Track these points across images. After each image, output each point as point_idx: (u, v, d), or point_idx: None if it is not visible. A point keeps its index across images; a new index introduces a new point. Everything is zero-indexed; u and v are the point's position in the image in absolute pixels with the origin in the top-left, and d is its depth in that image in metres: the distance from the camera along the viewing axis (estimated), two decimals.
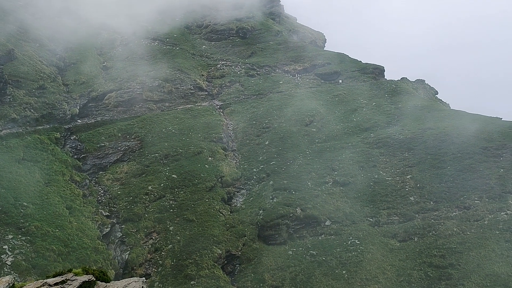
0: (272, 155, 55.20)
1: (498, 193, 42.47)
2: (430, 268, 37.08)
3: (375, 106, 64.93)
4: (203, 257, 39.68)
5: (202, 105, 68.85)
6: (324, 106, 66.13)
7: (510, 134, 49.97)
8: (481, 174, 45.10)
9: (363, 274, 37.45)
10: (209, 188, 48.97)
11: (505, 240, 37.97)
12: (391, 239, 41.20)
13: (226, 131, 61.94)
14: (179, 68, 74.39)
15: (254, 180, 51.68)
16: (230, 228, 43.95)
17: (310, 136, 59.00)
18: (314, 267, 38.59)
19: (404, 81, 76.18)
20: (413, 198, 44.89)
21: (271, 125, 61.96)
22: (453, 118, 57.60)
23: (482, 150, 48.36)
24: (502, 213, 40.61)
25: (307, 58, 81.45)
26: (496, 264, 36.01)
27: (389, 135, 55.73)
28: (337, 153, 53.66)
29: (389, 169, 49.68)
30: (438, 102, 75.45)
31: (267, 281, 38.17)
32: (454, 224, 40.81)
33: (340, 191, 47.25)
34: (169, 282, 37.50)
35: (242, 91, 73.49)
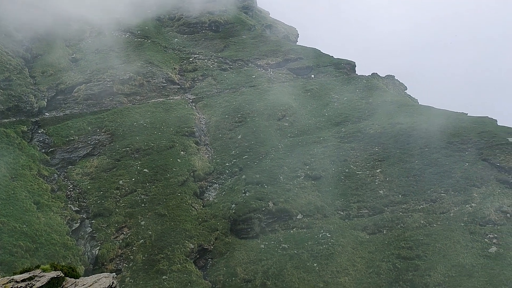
0: (244, 149, 55.31)
1: (463, 186, 43.85)
2: (398, 259, 38.00)
3: (347, 101, 65.84)
4: (175, 251, 39.51)
5: (175, 98, 68.19)
6: (297, 101, 66.60)
7: (475, 129, 51.62)
8: (447, 168, 46.48)
9: (333, 266, 38.09)
10: (181, 182, 48.70)
11: (470, 232, 39.30)
12: (361, 231, 42.01)
13: (199, 125, 61.62)
14: (151, 61, 73.37)
15: (226, 174, 51.70)
16: (202, 223, 43.88)
17: (282, 130, 59.37)
18: (286, 260, 38.99)
19: (375, 76, 77.50)
20: (382, 191, 45.84)
21: (244, 119, 61.99)
22: (421, 113, 59.02)
23: (448, 144, 49.80)
24: (467, 206, 41.98)
25: (280, 52, 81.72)
26: (461, 255, 37.23)
27: (360, 130, 56.67)
28: (309, 147, 54.23)
29: (359, 163, 50.57)
30: (407, 97, 77.14)
31: (239, 274, 38.35)
32: (421, 217, 41.93)
33: (312, 185, 47.81)
34: (141, 277, 37.19)
35: (214, 85, 73.16)
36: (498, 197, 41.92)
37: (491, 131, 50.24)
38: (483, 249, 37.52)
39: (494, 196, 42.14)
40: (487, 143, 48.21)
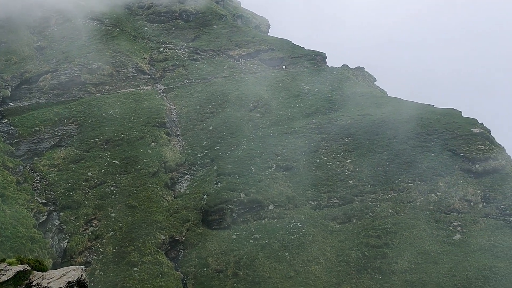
0: (216, 140, 55.11)
1: (429, 176, 45.15)
2: (367, 248, 38.90)
3: (318, 92, 66.41)
4: (146, 243, 39.18)
5: (145, 89, 67.14)
6: (268, 92, 66.72)
7: (440, 120, 53.09)
8: (414, 158, 47.71)
9: (304, 255, 38.65)
10: (152, 173, 48.17)
11: (435, 220, 40.61)
12: (331, 221, 42.73)
13: (170, 116, 60.96)
14: (120, 50, 71.85)
15: (198, 165, 51.45)
16: (173, 214, 43.61)
17: (254, 121, 59.43)
18: (258, 251, 39.29)
19: (345, 68, 78.38)
20: (352, 181, 46.67)
21: (215, 110, 61.70)
22: (390, 104, 60.20)
23: (416, 135, 51.07)
24: (433, 195, 43.30)
25: (251, 43, 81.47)
26: (426, 243, 38.45)
27: (331, 121, 57.36)
28: (281, 138, 54.54)
29: (330, 154, 51.25)
30: (377, 89, 78.46)
31: (211, 265, 38.43)
32: (389, 206, 42.99)
33: (283, 176, 48.19)
34: (111, 270, 36.73)
35: (185, 75, 72.39)
36: (462, 186, 43.41)
37: (456, 122, 51.81)
38: (448, 237, 38.88)
39: (458, 185, 43.61)
40: (452, 134, 49.71)
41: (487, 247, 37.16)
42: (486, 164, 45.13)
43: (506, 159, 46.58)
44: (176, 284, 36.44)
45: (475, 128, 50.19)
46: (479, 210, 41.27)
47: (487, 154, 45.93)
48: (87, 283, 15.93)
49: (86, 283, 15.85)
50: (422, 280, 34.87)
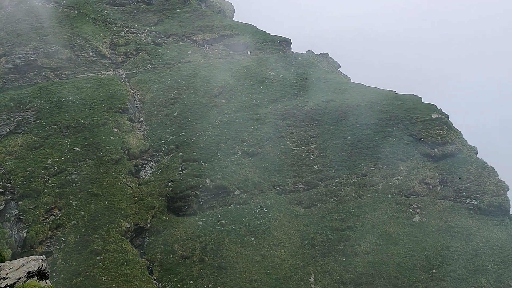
0: (181, 126, 54.43)
1: (391, 161, 46.37)
2: (331, 231, 39.70)
3: (282, 78, 66.55)
4: (110, 231, 38.46)
5: (106, 74, 65.25)
6: (233, 78, 66.29)
7: (401, 106, 54.42)
8: (376, 143, 48.81)
9: (270, 240, 39.05)
10: (115, 160, 47.13)
11: (396, 203, 41.85)
12: (297, 206, 43.28)
13: (133, 102, 59.63)
14: (79, 34, 69.36)
15: (162, 152, 50.74)
16: (138, 201, 42.95)
17: (219, 107, 59.02)
18: (224, 236, 39.37)
19: (310, 54, 78.81)
20: (317, 166, 47.31)
21: (180, 96, 60.82)
22: (353, 91, 61.12)
23: (378, 121, 52.18)
24: (394, 179, 44.54)
25: (215, 28, 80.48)
26: (388, 225, 39.62)
27: (296, 107, 57.71)
28: (246, 124, 54.47)
29: (295, 139, 51.68)
30: (340, 75, 79.44)
31: (177, 252, 38.23)
32: (353, 190, 43.93)
33: (249, 162, 48.27)
34: (73, 259, 35.89)
35: (148, 60, 70.85)
36: (422, 170, 44.85)
37: (416, 108, 53.25)
38: (408, 219, 40.20)
39: (418, 169, 45.02)
40: (412, 120, 51.09)
41: (445, 228, 38.70)
42: (444, 148, 46.74)
43: (462, 143, 48.42)
44: (141, 271, 36.08)
45: (434, 113, 51.77)
46: (437, 193, 42.83)
47: (445, 139, 47.56)
48: (48, 273, 15.45)
49: (47, 273, 15.37)
50: (384, 261, 35.99)
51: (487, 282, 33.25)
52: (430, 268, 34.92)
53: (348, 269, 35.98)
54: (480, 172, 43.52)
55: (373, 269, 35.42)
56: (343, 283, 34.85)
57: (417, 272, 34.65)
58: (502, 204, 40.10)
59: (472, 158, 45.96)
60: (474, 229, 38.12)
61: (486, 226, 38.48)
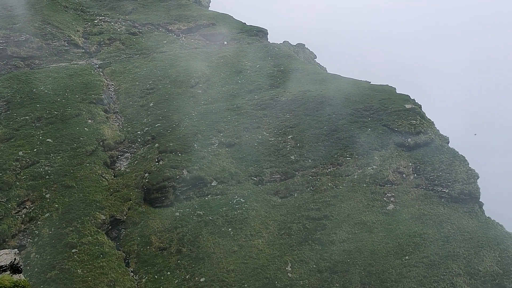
0: (157, 117, 53.89)
1: (366, 150, 47.10)
2: (307, 220, 40.17)
3: (259, 69, 66.49)
4: (85, 224, 37.97)
5: (79, 63, 63.89)
6: (210, 68, 65.86)
7: (376, 96, 55.19)
8: (352, 133, 49.44)
9: (248, 230, 39.28)
10: (90, 152, 46.40)
11: (371, 192, 42.61)
12: (274, 196, 43.58)
13: (107, 92, 58.63)
14: (50, 22, 67.57)
15: (138, 143, 50.20)
16: (114, 193, 42.47)
17: (195, 98, 58.63)
18: (201, 227, 39.40)
19: (286, 44, 78.93)
20: (293, 157, 47.65)
21: (156, 86, 60.11)
22: (330, 81, 61.60)
23: (354, 111, 52.82)
24: (369, 168, 45.28)
25: (191, 17, 79.62)
26: (363, 214, 40.34)
27: (272, 97, 57.83)
28: (223, 114, 54.33)
29: (272, 130, 51.85)
30: (317, 66, 79.89)
31: (154, 243, 38.08)
32: (329, 180, 44.48)
33: (226, 152, 48.25)
34: (48, 252, 35.34)
35: (123, 50, 69.67)
36: (396, 159, 45.73)
37: (391, 99, 54.09)
38: (382, 207, 41.02)
39: (392, 158, 45.88)
40: (387, 110, 51.90)
41: (417, 216, 39.67)
42: (417, 138, 47.72)
43: (435, 133, 49.50)
44: (118, 263, 35.83)
45: (407, 104, 52.70)
46: (410, 181, 43.79)
47: (418, 129, 48.54)
48: (21, 267, 15.25)
49: (20, 266, 15.17)
50: (359, 249, 36.70)
51: (458, 267, 34.33)
52: (403, 254, 35.80)
53: (324, 257, 36.54)
54: (452, 161, 44.66)
55: (348, 257, 36.08)
56: (319, 271, 35.41)
57: (391, 259, 35.49)
58: (472, 192, 41.31)
59: (444, 147, 47.10)
60: (446, 217, 39.20)
61: (457, 213, 39.62)
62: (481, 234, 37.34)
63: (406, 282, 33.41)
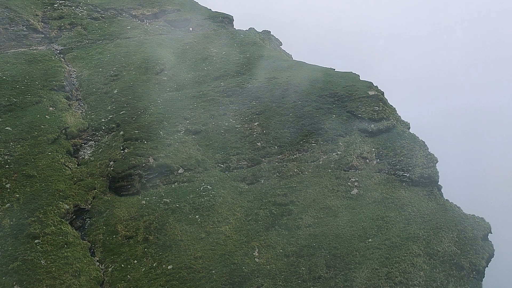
0: (121, 104, 52.92)
1: (331, 137, 47.97)
2: (274, 206, 40.70)
3: (225, 55, 66.17)
4: (48, 213, 37.10)
5: (39, 49, 61.74)
6: (175, 55, 65.03)
7: (341, 83, 56.13)
8: (317, 120, 50.20)
9: (215, 217, 39.45)
10: (52, 140, 45.18)
11: (336, 177, 43.55)
12: (241, 182, 43.85)
13: (69, 79, 57.01)
14: (7, 6, 64.78)
15: (103, 131, 49.24)
16: (78, 182, 41.62)
17: (161, 84, 57.88)
18: (168, 215, 39.28)
19: (252, 31, 78.70)
20: (260, 143, 47.98)
21: (120, 73, 58.91)
22: (295, 68, 62.09)
23: (318, 98, 53.56)
24: (334, 154, 46.21)
25: (156, 3, 78.13)
26: (328, 198, 41.21)
27: (239, 84, 57.81)
28: (189, 102, 53.94)
29: (238, 117, 51.94)
30: (282, 52, 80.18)
31: (120, 232, 37.70)
32: (295, 166, 45.11)
33: (192, 139, 48.05)
34: (9, 243, 34.39)
35: (85, 35, 67.77)
36: (359, 145, 46.84)
37: (355, 85, 55.14)
38: (347, 192, 42.04)
39: (356, 144, 46.96)
40: (351, 97, 52.91)
41: (380, 200, 40.92)
42: (380, 124, 48.98)
43: (396, 119, 50.94)
44: (83, 253, 35.30)
45: (370, 90, 53.88)
46: (373, 166, 45.02)
47: (381, 115, 49.81)
48: None
49: None
50: (324, 233, 37.57)
51: (418, 248, 35.75)
52: (366, 237, 36.92)
53: (291, 242, 37.21)
54: (412, 146, 46.17)
55: (314, 241, 36.88)
56: (286, 255, 36.05)
57: (355, 242, 36.55)
58: (432, 175, 42.91)
59: (405, 132, 48.58)
60: (407, 200, 40.62)
61: (417, 197, 41.12)
62: (440, 216, 38.97)
63: (369, 264, 34.54)
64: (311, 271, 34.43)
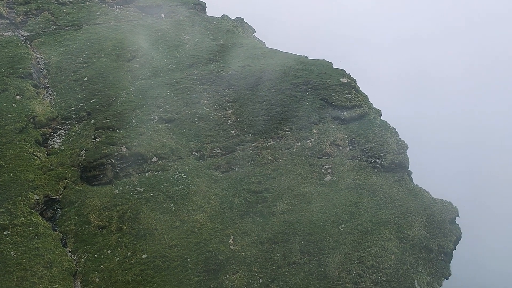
0: (92, 92, 51.77)
1: (305, 124, 48.35)
2: (248, 194, 40.91)
3: (198, 43, 65.45)
4: (17, 204, 36.19)
5: (4, 35, 59.54)
6: (147, 41, 63.88)
7: (314, 71, 56.44)
8: (291, 107, 50.45)
9: (189, 205, 39.36)
10: (20, 129, 43.88)
11: (309, 164, 44.03)
12: (215, 170, 43.81)
13: (36, 66, 55.30)
14: None
15: (73, 120, 48.13)
16: (48, 172, 40.67)
17: (133, 72, 56.86)
18: (142, 204, 38.94)
19: (225, 18, 77.99)
20: (234, 131, 47.94)
21: (90, 60, 57.51)
22: (268, 56, 62.00)
23: (292, 85, 53.76)
24: (307, 141, 46.64)
25: None
26: (302, 185, 41.68)
27: (212, 72, 57.37)
28: (162, 89, 53.24)
29: (212, 104, 51.66)
30: (256, 40, 79.84)
31: (93, 222, 37.18)
32: (269, 153, 45.34)
33: (166, 128, 47.58)
34: None
35: (52, 21, 65.70)
36: (333, 132, 47.42)
37: (328, 73, 55.56)
38: (320, 179, 42.61)
39: (329, 131, 47.51)
40: (324, 84, 53.33)
41: (353, 186, 41.67)
42: (353, 111, 49.65)
43: (368, 106, 51.74)
44: (54, 244, 34.68)
45: (343, 78, 54.42)
46: (346, 153, 45.72)
47: (353, 102, 50.46)
48: None
49: None
50: (298, 219, 38.07)
51: (389, 232, 36.69)
52: (339, 223, 37.62)
53: (266, 229, 37.55)
54: (384, 132, 47.06)
55: (288, 228, 37.33)
56: (260, 242, 36.39)
57: (328, 228, 37.19)
58: (402, 161, 43.93)
59: (377, 120, 49.44)
60: (378, 186, 41.51)
61: (388, 182, 42.08)
62: (410, 201, 40.03)
63: (342, 249, 35.26)
64: (286, 257, 34.90)
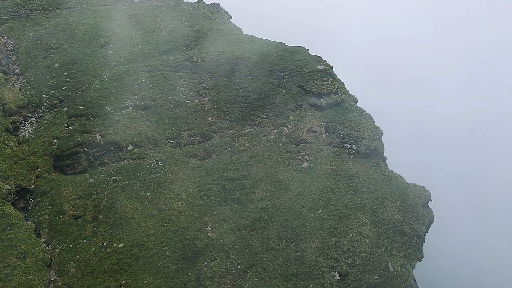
0: (64, 79, 50.42)
1: (282, 111, 48.36)
2: (226, 181, 40.82)
3: (173, 29, 64.36)
4: None
5: None
6: (120, 27, 62.46)
7: (291, 58, 56.34)
8: (268, 94, 50.34)
9: (167, 193, 39.04)
10: None
11: (287, 151, 44.17)
12: (192, 158, 43.50)
13: (5, 52, 53.44)
14: None
15: (44, 107, 46.85)
16: (19, 161, 39.61)
17: (106, 58, 55.59)
18: (118, 192, 38.42)
19: (201, 3, 76.89)
20: (211, 119, 47.60)
21: (61, 46, 55.90)
22: (245, 42, 61.53)
23: (269, 72, 53.58)
24: (285, 128, 46.71)
25: None
26: (279, 172, 41.83)
27: (188, 58, 56.61)
28: (137, 76, 52.29)
29: (188, 91, 51.07)
30: (232, 26, 79.10)
31: (67, 212, 36.50)
32: (246, 140, 45.25)
33: (141, 115, 46.87)
34: None
35: (21, 5, 63.47)
36: (309, 119, 47.59)
37: (304, 60, 55.55)
38: (297, 165, 42.82)
39: (306, 118, 47.67)
40: (300, 71, 53.33)
41: (329, 172, 42.05)
42: (329, 98, 49.88)
43: (345, 93, 52.06)
44: (27, 235, 33.93)
45: (320, 65, 54.52)
46: (323, 140, 46.02)
47: (330, 89, 50.67)
48: None
49: None
50: (276, 206, 38.27)
51: (364, 217, 37.27)
52: (316, 209, 38.00)
53: (243, 216, 37.64)
54: (359, 119, 47.51)
55: (266, 214, 37.50)
56: (238, 229, 36.47)
57: (305, 214, 37.53)
58: (377, 147, 44.52)
59: (353, 106, 49.83)
60: (354, 171, 42.00)
61: (364, 168, 42.62)
62: (385, 186, 40.69)
63: (319, 234, 35.67)
64: (264, 243, 35.10)
